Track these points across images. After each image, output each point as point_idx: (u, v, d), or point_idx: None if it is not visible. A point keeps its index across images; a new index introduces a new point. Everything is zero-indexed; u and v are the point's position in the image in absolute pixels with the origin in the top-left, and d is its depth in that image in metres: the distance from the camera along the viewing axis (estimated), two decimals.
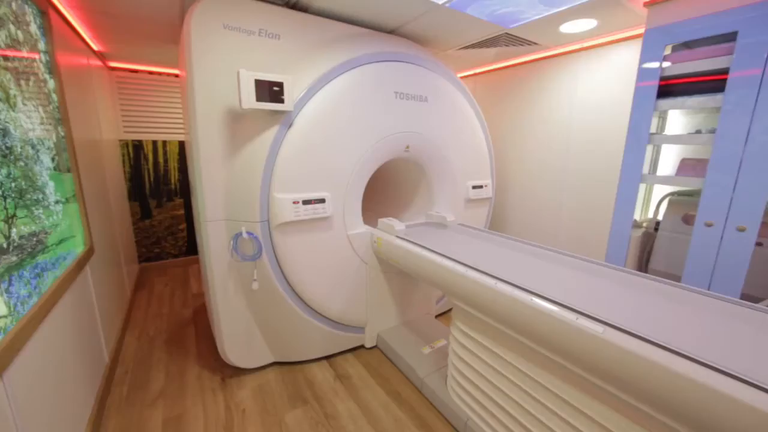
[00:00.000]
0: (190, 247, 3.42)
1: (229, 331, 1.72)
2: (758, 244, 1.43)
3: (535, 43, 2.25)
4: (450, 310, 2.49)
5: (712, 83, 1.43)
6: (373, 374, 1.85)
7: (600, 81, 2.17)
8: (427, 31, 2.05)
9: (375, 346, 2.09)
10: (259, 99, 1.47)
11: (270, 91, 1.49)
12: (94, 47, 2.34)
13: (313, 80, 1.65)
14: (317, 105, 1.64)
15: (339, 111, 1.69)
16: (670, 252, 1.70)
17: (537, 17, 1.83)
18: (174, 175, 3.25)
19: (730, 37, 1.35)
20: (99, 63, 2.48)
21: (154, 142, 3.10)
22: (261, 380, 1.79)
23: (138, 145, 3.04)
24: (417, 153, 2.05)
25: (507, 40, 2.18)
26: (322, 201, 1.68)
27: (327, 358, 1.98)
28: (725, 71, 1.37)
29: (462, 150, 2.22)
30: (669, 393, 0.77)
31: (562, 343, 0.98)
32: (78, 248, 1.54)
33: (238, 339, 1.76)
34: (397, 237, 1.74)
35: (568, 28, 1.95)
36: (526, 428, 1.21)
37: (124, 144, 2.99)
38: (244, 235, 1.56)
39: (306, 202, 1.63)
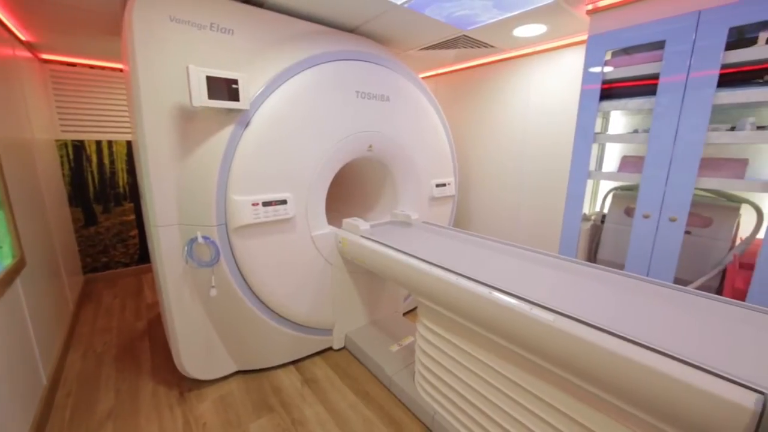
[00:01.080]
0: (143, 254, 3.19)
1: (186, 342, 1.63)
2: (687, 232, 1.58)
3: (492, 46, 2.33)
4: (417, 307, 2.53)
5: (647, 87, 1.56)
6: (341, 376, 1.83)
7: (551, 83, 2.29)
8: (387, 30, 2.06)
9: (343, 347, 2.07)
10: (212, 97, 1.40)
11: (224, 88, 1.42)
12: (21, 37, 2.11)
13: (270, 78, 1.59)
14: (276, 103, 1.60)
15: (299, 110, 1.66)
16: (615, 242, 1.84)
17: (492, 20, 1.90)
18: (122, 178, 3.01)
19: (660, 45, 1.48)
20: (27, 54, 2.24)
21: (98, 143, 2.86)
22: (223, 391, 1.71)
23: (79, 146, 2.78)
24: (380, 152, 2.05)
25: (465, 42, 2.25)
26: (284, 202, 1.63)
27: (294, 362, 1.93)
28: (657, 76, 1.50)
29: (425, 149, 2.26)
30: (613, 375, 0.83)
31: (519, 334, 1.03)
32: (5, 260, 1.38)
33: (197, 349, 1.67)
34: (362, 237, 1.73)
35: (521, 32, 2.04)
36: (491, 418, 1.25)
37: (62, 144, 2.72)
38: (200, 239, 1.48)
39: (266, 204, 1.58)
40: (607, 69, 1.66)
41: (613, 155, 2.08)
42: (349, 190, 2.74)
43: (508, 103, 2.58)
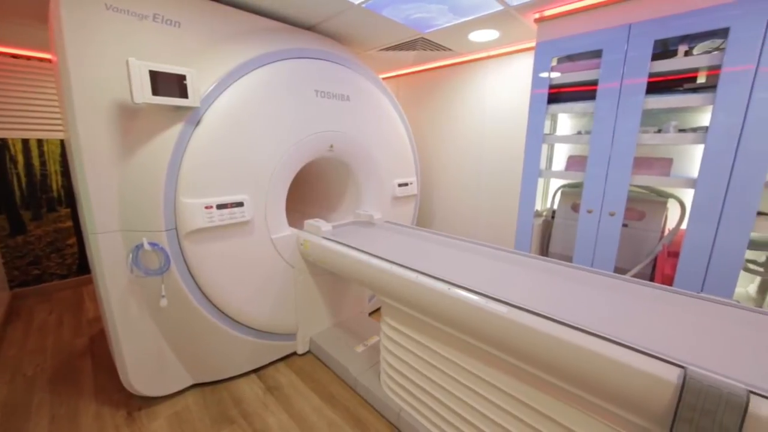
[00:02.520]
0: (83, 264, 2.91)
1: (133, 357, 1.51)
2: (624, 225, 1.73)
3: (450, 49, 2.40)
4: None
5: (589, 92, 1.68)
6: (306, 380, 1.79)
7: (506, 87, 2.41)
8: (346, 30, 2.04)
9: (308, 352, 2.03)
10: (156, 93, 1.30)
11: (170, 84, 1.33)
12: None
13: (222, 74, 1.52)
14: (229, 101, 1.52)
15: (255, 108, 1.60)
16: (564, 236, 1.97)
17: (448, 24, 1.95)
18: (56, 181, 2.72)
19: (598, 54, 1.60)
20: None
21: (26, 141, 2.56)
22: (178, 407, 1.61)
23: (1, 145, 2.48)
24: (342, 152, 2.04)
25: (424, 44, 2.29)
26: (240, 204, 1.56)
27: (256, 371, 1.86)
28: (596, 82, 1.62)
29: (387, 148, 2.27)
30: (560, 359, 0.89)
31: (476, 327, 1.07)
32: None
33: (146, 364, 1.55)
34: (324, 238, 1.71)
35: (476, 36, 2.12)
36: (454, 411, 1.29)
37: None
38: (146, 246, 1.37)
39: (221, 207, 1.51)
40: (554, 74, 1.77)
41: (561, 155, 2.23)
42: (311, 191, 2.69)
43: (466, 105, 2.67)
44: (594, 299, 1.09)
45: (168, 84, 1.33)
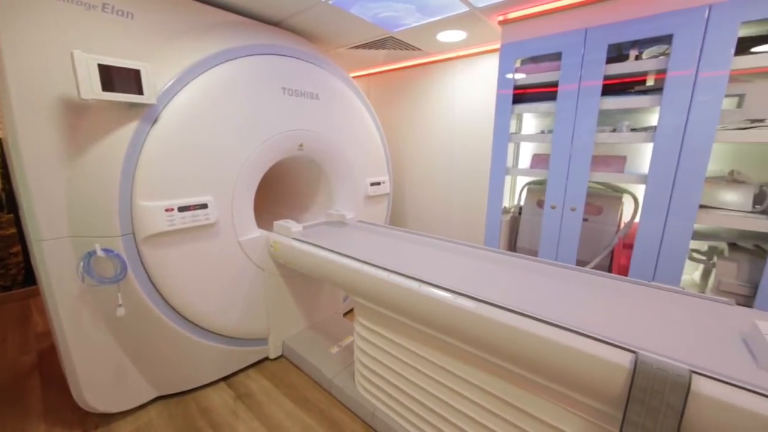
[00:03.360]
0: (29, 275, 2.68)
1: (87, 372, 1.40)
2: (585, 219, 1.82)
3: (419, 49, 2.42)
4: None
5: (551, 93, 1.75)
6: (279, 385, 1.75)
7: (474, 87, 2.46)
8: (314, 27, 2.01)
9: (281, 356, 1.98)
10: (107, 88, 1.22)
11: (123, 79, 1.25)
12: None
13: (182, 70, 1.45)
14: (190, 98, 1.45)
15: (218, 105, 1.53)
16: (530, 231, 2.04)
17: (416, 24, 1.97)
18: None
19: (559, 56, 1.68)
20: None
21: None
22: (140, 422, 1.52)
23: None
24: (312, 151, 2.00)
25: (393, 43, 2.30)
26: (204, 206, 1.50)
27: (225, 378, 1.79)
28: (557, 84, 1.69)
29: (358, 147, 2.26)
30: (525, 350, 0.92)
31: (446, 323, 1.08)
32: None
33: (103, 379, 1.45)
34: (294, 239, 1.67)
35: (444, 37, 2.16)
36: (427, 407, 1.30)
37: None
38: (99, 253, 1.28)
39: (183, 209, 1.43)
40: (519, 75, 1.83)
41: (527, 153, 2.31)
42: (282, 191, 2.63)
43: (437, 104, 2.70)
44: (556, 291, 1.13)
45: (120, 79, 1.25)
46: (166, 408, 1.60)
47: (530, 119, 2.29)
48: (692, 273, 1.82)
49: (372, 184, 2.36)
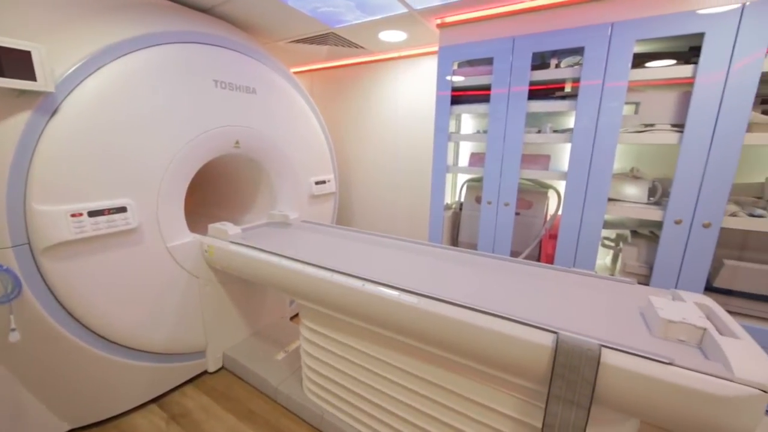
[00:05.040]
0: None
1: None
2: (517, 214, 1.97)
3: (362, 47, 2.41)
4: None
5: (486, 96, 1.86)
6: (219, 400, 1.63)
7: (416, 87, 2.53)
8: (249, 17, 1.89)
9: (222, 368, 1.85)
10: None
11: (9, 62, 1.06)
12: None
13: (88, 54, 1.26)
14: (100, 87, 1.28)
15: (136, 96, 1.37)
16: (470, 226, 2.16)
17: (357, 21, 1.95)
18: None
19: (491, 61, 1.79)
20: None
21: None
22: None
23: None
24: (251, 149, 1.89)
25: (335, 39, 2.26)
26: (123, 210, 1.33)
27: (156, 399, 1.62)
28: (491, 87, 1.81)
29: (301, 145, 2.19)
30: (463, 339, 0.97)
31: (391, 319, 1.10)
32: None
33: None
34: (231, 242, 1.57)
35: (386, 36, 2.18)
36: (375, 404, 1.31)
37: None
38: None
39: (95, 213, 1.26)
40: (457, 78, 1.92)
41: (466, 152, 2.44)
42: (220, 192, 2.46)
43: (381, 103, 2.73)
44: (491, 282, 1.21)
45: (8, 61, 1.05)
46: None
47: (468, 119, 2.41)
48: (605, 258, 2.07)
49: (317, 183, 2.30)
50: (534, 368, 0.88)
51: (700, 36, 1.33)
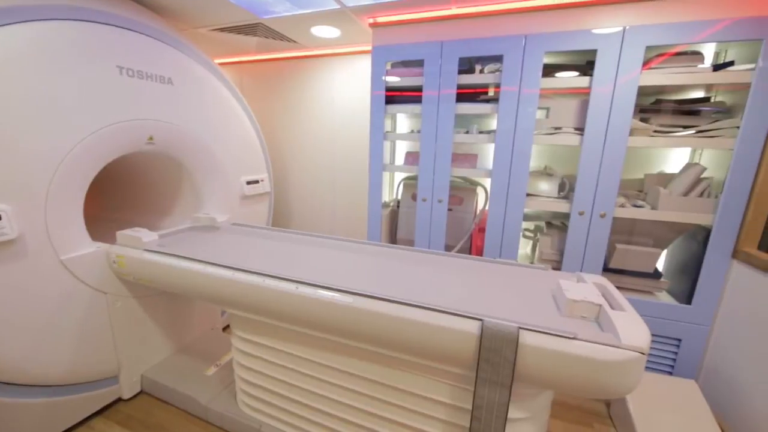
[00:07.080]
0: None
1: None
2: (449, 210, 2.08)
3: (294, 41, 2.32)
4: None
5: (418, 96, 1.92)
6: (137, 429, 1.45)
7: (351, 86, 2.51)
8: None
9: (140, 392, 1.64)
10: None
11: None
12: None
13: None
14: None
15: (11, 79, 1.14)
16: (407, 223, 2.22)
17: (287, 14, 1.87)
18: None
19: (422, 63, 1.85)
20: None
21: None
22: None
23: None
24: (168, 145, 1.70)
25: (265, 31, 2.14)
26: None
27: None
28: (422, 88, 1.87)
29: (229, 142, 2.03)
30: (395, 333, 0.99)
31: (327, 321, 1.07)
32: None
33: None
34: (146, 250, 1.39)
35: (319, 32, 2.12)
36: (314, 408, 1.27)
37: None
38: None
39: None
40: (391, 78, 1.95)
41: (402, 150, 2.50)
42: (134, 194, 2.18)
43: (317, 101, 2.66)
44: (425, 276, 1.26)
45: None
46: None
47: (403, 119, 2.48)
48: (526, 248, 2.29)
49: (249, 183, 2.16)
50: (463, 354, 0.93)
51: (594, 52, 1.53)
